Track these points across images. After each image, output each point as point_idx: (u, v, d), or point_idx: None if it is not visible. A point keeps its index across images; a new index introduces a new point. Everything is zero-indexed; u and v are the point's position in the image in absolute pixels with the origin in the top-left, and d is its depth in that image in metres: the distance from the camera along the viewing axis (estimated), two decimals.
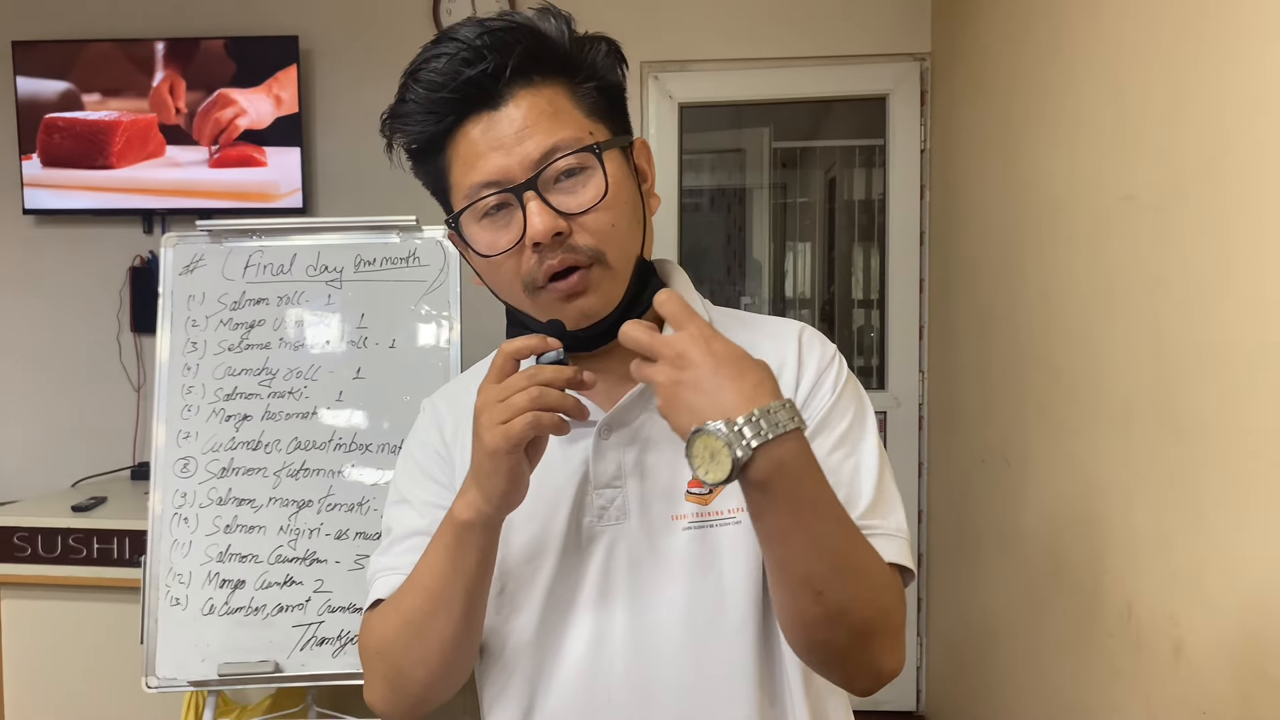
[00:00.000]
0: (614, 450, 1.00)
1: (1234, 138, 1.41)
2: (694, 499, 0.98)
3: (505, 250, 0.95)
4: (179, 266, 2.30)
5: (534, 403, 0.85)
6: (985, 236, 2.70)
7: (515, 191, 0.93)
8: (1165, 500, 1.61)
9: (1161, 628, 1.61)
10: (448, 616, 0.93)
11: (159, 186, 3.38)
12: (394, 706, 0.99)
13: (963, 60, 2.97)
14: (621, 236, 0.97)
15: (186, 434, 2.24)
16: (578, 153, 0.94)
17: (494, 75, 0.93)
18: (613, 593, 0.99)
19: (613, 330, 0.92)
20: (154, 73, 3.34)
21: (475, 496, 0.89)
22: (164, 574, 2.18)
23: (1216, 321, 1.45)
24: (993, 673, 2.62)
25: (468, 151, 0.95)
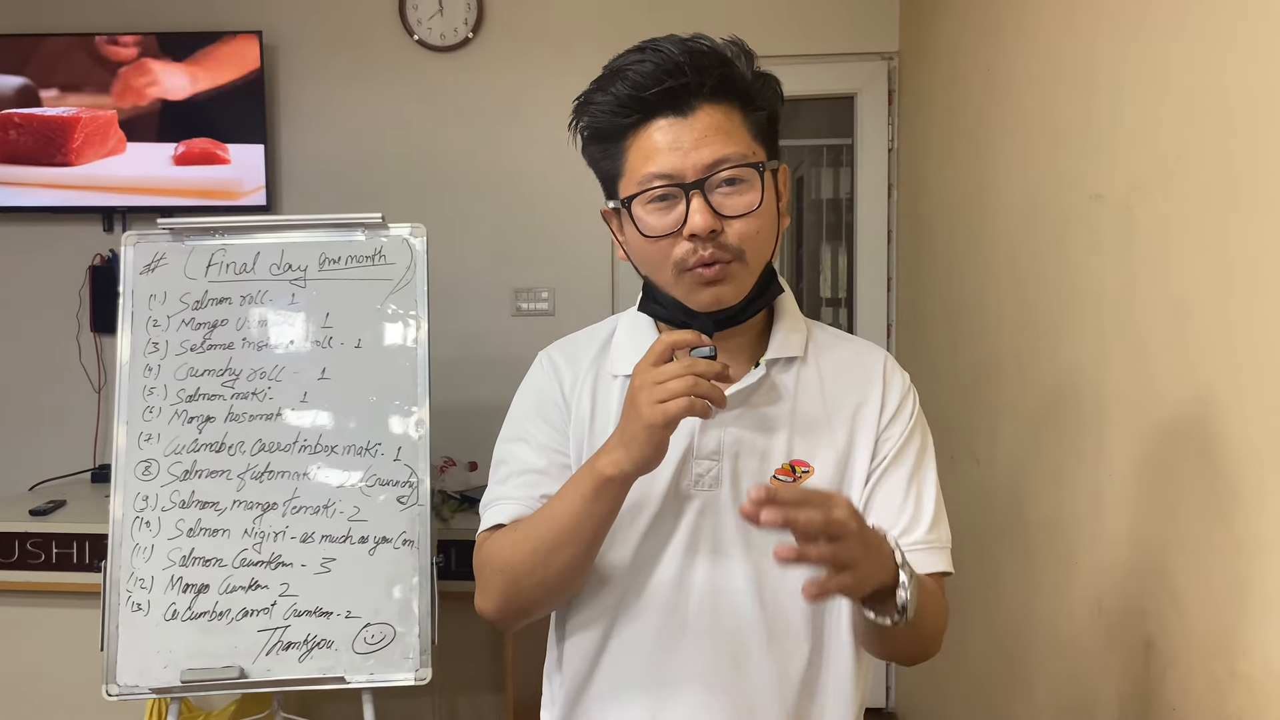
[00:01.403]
0: (716, 429, 1.15)
1: (1200, 136, 1.42)
2: (779, 483, 1.14)
3: (666, 234, 1.10)
4: (140, 265, 2.26)
5: (689, 389, 0.99)
6: (954, 235, 2.71)
7: (685, 188, 1.09)
8: (1135, 497, 1.61)
9: (1132, 624, 1.61)
10: (572, 550, 1.09)
11: (119, 184, 3.33)
12: (504, 614, 1.17)
13: (930, 59, 2.98)
14: (761, 243, 1.13)
15: (148, 436, 2.20)
16: (743, 167, 1.09)
17: (690, 88, 1.09)
18: (698, 546, 1.15)
19: (736, 319, 1.15)
20: (113, 67, 3.28)
21: (621, 457, 1.03)
22: (125, 579, 2.14)
23: (1187, 319, 1.46)
24: (963, 669, 2.63)
25: (649, 146, 1.10)
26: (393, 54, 3.39)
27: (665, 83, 1.08)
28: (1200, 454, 1.41)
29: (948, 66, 2.79)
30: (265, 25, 3.33)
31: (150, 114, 3.30)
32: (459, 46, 3.37)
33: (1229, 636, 1.33)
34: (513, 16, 3.35)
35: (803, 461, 1.16)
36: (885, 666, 3.47)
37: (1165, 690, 1.50)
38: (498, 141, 3.39)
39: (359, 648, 2.14)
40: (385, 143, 3.42)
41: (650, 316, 1.23)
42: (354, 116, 3.42)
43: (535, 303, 3.43)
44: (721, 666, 1.15)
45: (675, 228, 1.09)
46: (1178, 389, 1.47)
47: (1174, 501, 1.48)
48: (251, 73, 3.28)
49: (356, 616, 2.14)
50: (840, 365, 1.21)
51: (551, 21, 3.30)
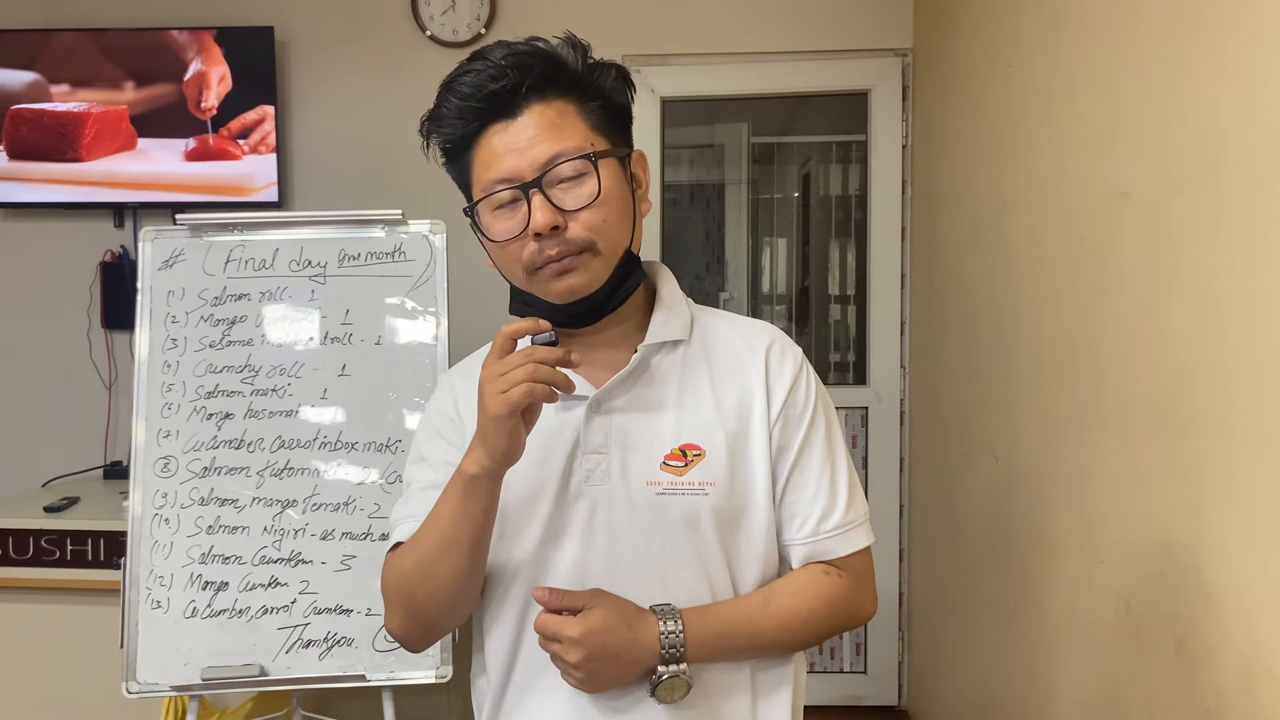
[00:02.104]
0: (601, 422, 1.16)
1: (1232, 133, 1.41)
2: (669, 470, 1.15)
3: (512, 237, 1.13)
4: (158, 261, 2.25)
5: (530, 376, 1.01)
6: (971, 232, 2.70)
7: (523, 189, 1.11)
8: (1164, 496, 1.61)
9: (1161, 624, 1.61)
10: (456, 554, 1.09)
11: (130, 180, 3.31)
12: (410, 632, 1.18)
13: (945, 56, 2.97)
14: (611, 231, 1.14)
15: (167, 433, 2.19)
16: (577, 160, 1.12)
17: (513, 90, 1.11)
18: (594, 545, 1.15)
19: (600, 310, 1.16)
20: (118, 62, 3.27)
21: (480, 454, 1.05)
22: (145, 576, 2.14)
23: (1218, 316, 1.45)
24: (978, 669, 2.63)
25: (488, 153, 1.13)
26: (404, 50, 3.38)
27: (489, 87, 1.10)
28: (1235, 454, 1.41)
29: (964, 63, 2.78)
30: (277, 20, 3.32)
31: (161, 109, 3.29)
32: (471, 42, 3.35)
33: (1267, 637, 1.33)
34: (525, 12, 3.34)
35: (694, 445, 1.16)
36: (896, 666, 3.47)
37: (1198, 691, 1.50)
38: None
39: (379, 645, 2.13)
40: (397, 139, 3.38)
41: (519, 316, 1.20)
42: (366, 113, 3.41)
43: None
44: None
45: (520, 229, 1.12)
46: (1211, 387, 1.47)
47: (1207, 501, 1.48)
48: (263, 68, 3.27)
49: (377, 614, 2.13)
50: (726, 346, 1.22)
51: (564, 17, 3.27)
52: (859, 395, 3.45)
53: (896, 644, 3.47)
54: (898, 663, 3.48)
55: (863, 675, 3.51)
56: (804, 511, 1.18)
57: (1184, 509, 1.55)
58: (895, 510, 3.44)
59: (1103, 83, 1.84)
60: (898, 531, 3.44)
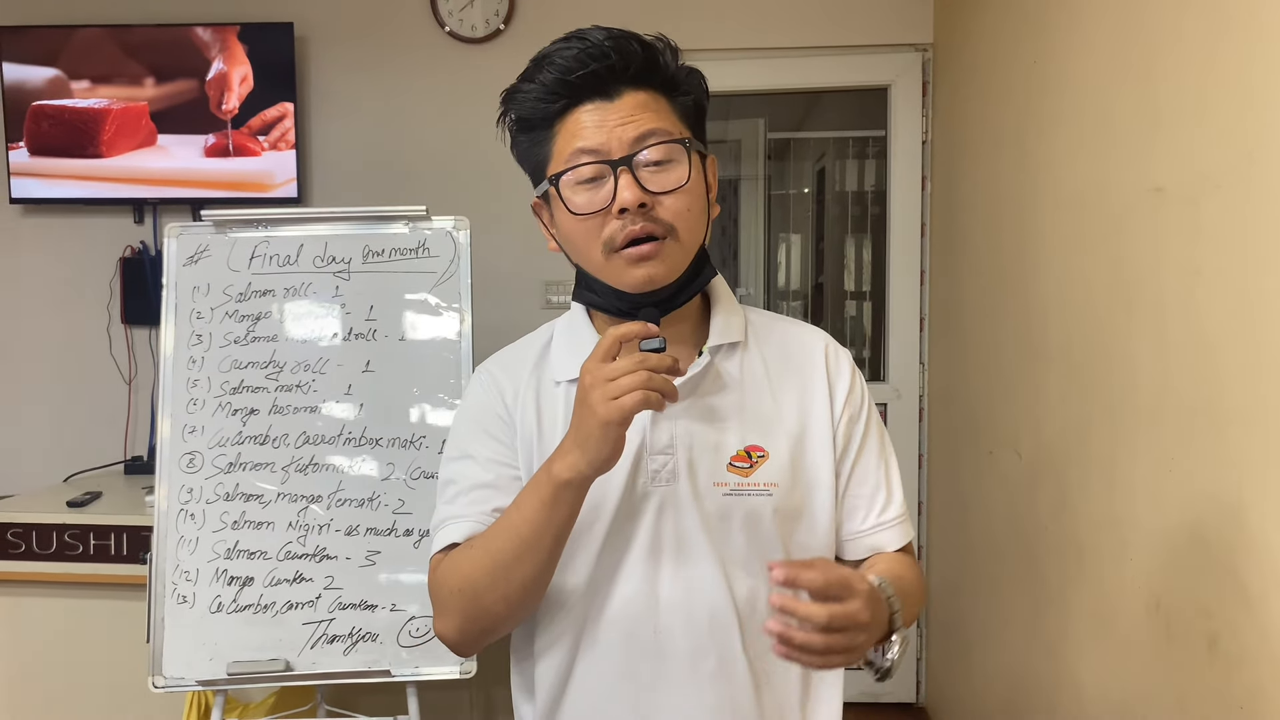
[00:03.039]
0: (668, 421, 1.15)
1: (1269, 127, 1.40)
2: (735, 470, 1.15)
3: (595, 211, 1.10)
4: (183, 257, 2.25)
5: (644, 384, 0.98)
6: (994, 228, 2.69)
7: (611, 164, 1.08)
8: (1199, 493, 1.60)
9: (1194, 622, 1.60)
10: (533, 560, 1.06)
11: (150, 176, 3.32)
12: (467, 636, 1.14)
13: (967, 51, 2.96)
14: (693, 221, 1.13)
15: (192, 428, 2.19)
16: (670, 142, 1.10)
17: (613, 71, 1.09)
18: (660, 546, 1.14)
19: (670, 303, 1.14)
20: (138, 58, 3.27)
21: (577, 459, 1.01)
22: (170, 571, 2.14)
23: (1255, 311, 1.44)
24: (999, 666, 2.62)
25: (575, 128, 1.10)
26: (424, 45, 3.38)
27: (590, 66, 1.09)
28: (1273, 450, 1.40)
29: (986, 59, 2.77)
30: (296, 16, 3.32)
31: (181, 105, 3.29)
32: (490, 38, 3.35)
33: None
34: (544, 7, 3.34)
35: (758, 447, 1.16)
36: (915, 662, 3.46)
37: (1232, 689, 1.49)
38: None
39: (404, 641, 2.13)
40: (416, 135, 3.41)
41: (585, 305, 1.22)
42: (385, 108, 3.41)
43: (566, 295, 3.41)
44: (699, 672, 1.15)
45: (604, 205, 1.09)
46: (1248, 383, 1.46)
47: (1244, 497, 1.47)
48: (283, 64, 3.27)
49: (401, 610, 2.14)
50: (782, 348, 1.22)
51: (584, 13, 3.27)
52: (878, 391, 3.44)
53: (914, 640, 3.46)
54: (916, 659, 3.47)
55: None
56: (866, 505, 1.20)
57: (1219, 505, 1.54)
58: (914, 506, 3.44)
59: (1135, 77, 1.83)
60: (917, 528, 3.43)
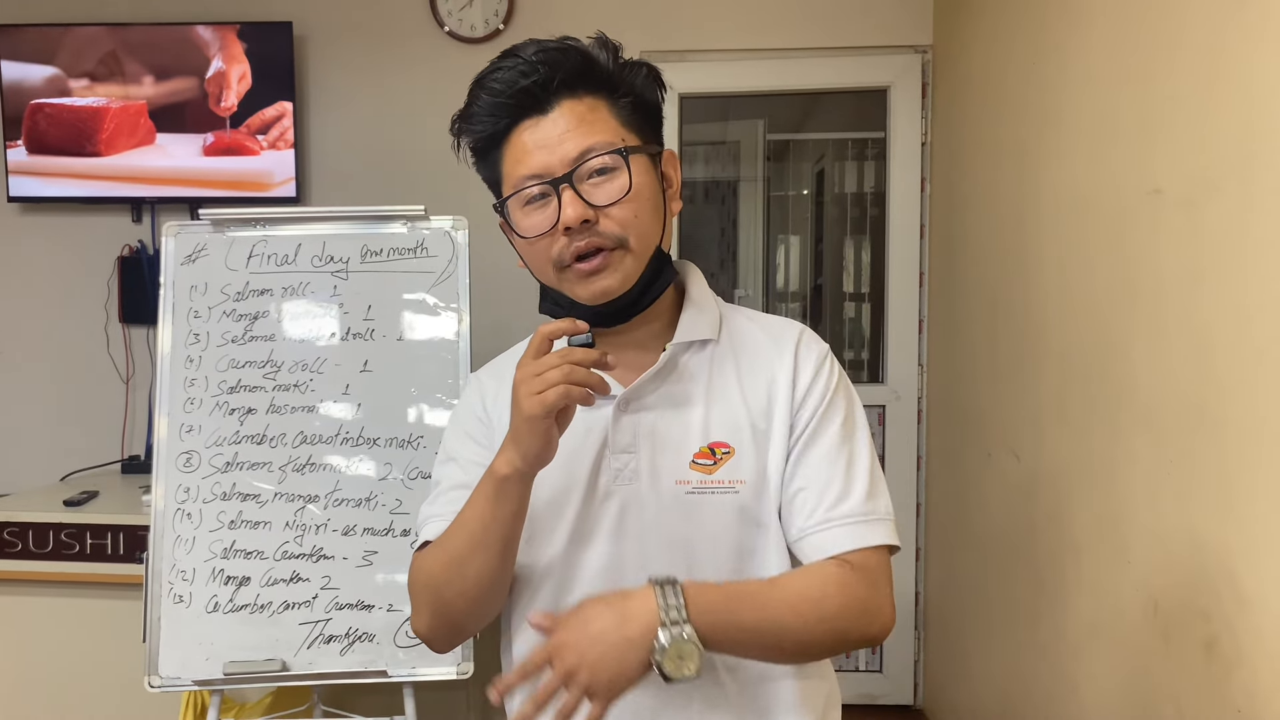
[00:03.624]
0: (630, 421, 1.15)
1: (1267, 129, 1.40)
2: (698, 468, 1.14)
3: (542, 233, 1.11)
4: (180, 256, 2.25)
5: (566, 378, 1.00)
6: (993, 231, 2.69)
7: (553, 184, 1.10)
8: (1197, 496, 1.60)
9: (1192, 625, 1.60)
10: (485, 555, 1.08)
11: (149, 175, 3.31)
12: (436, 632, 1.17)
13: (967, 53, 2.96)
14: (643, 228, 1.12)
15: (189, 428, 2.19)
16: (608, 154, 1.10)
17: (543, 86, 1.10)
18: (624, 545, 1.14)
19: (631, 309, 1.14)
20: (137, 57, 3.27)
21: (513, 454, 1.04)
22: (167, 570, 2.14)
23: (1253, 315, 1.44)
24: (997, 669, 2.62)
25: (519, 149, 1.12)
26: (423, 45, 3.38)
27: (519, 84, 1.10)
28: (1271, 455, 1.40)
29: (986, 60, 2.77)
30: (295, 16, 3.32)
31: (179, 104, 3.29)
32: (490, 38, 3.35)
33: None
34: (543, 8, 3.34)
35: (722, 443, 1.15)
36: (912, 665, 3.46)
37: (1229, 692, 1.49)
38: None
39: (401, 641, 2.13)
40: (415, 134, 3.40)
41: (550, 316, 1.20)
42: (384, 108, 3.41)
43: None
44: None
45: (550, 224, 1.10)
46: (1246, 386, 1.46)
47: (1242, 501, 1.47)
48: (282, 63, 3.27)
49: (398, 610, 2.13)
50: (754, 344, 1.20)
51: (583, 12, 3.29)
52: (876, 393, 3.44)
53: (913, 643, 3.46)
54: (914, 662, 3.47)
55: (878, 674, 3.50)
56: (814, 499, 1.12)
57: (1217, 509, 1.54)
58: (912, 509, 3.43)
59: (1134, 79, 1.83)
60: (914, 530, 3.43)
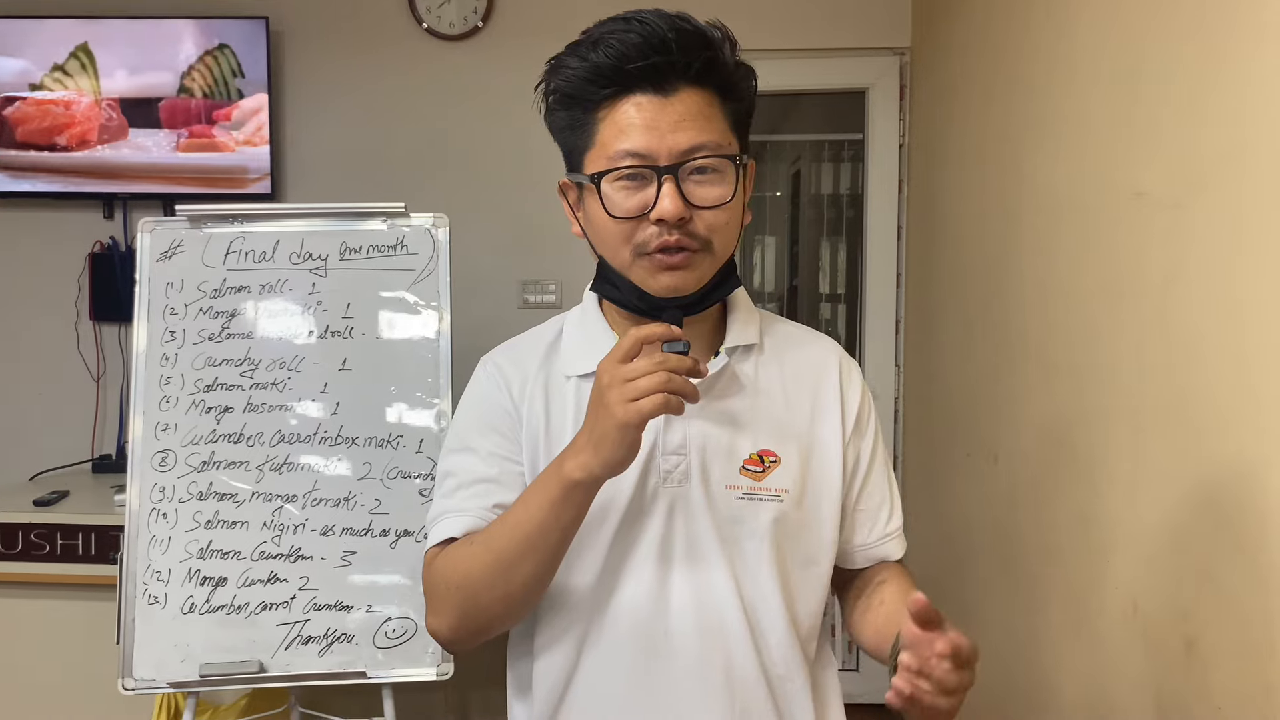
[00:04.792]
0: (681, 422, 1.12)
1: (1255, 132, 1.41)
2: (747, 474, 1.14)
3: (632, 216, 1.07)
4: (156, 253, 2.22)
5: (663, 386, 0.95)
6: (972, 232, 2.70)
7: (658, 171, 1.05)
8: (1177, 497, 1.61)
9: (1171, 625, 1.61)
10: (537, 560, 1.04)
11: (121, 170, 3.27)
12: (460, 634, 1.11)
13: (946, 55, 2.97)
14: (729, 234, 1.11)
15: (165, 426, 2.16)
16: (720, 157, 1.07)
17: (675, 68, 1.05)
18: (671, 548, 1.12)
19: (691, 309, 1.12)
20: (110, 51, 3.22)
21: (589, 459, 0.99)
22: (141, 571, 2.11)
23: (1234, 317, 1.45)
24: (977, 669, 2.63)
25: (623, 121, 1.06)
26: (401, 42, 3.36)
27: (650, 58, 1.03)
28: (1253, 455, 1.41)
29: (965, 62, 2.78)
30: (271, 11, 3.28)
31: (153, 99, 3.25)
32: (469, 35, 3.33)
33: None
34: (523, 5, 3.32)
35: (770, 451, 1.15)
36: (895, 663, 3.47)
37: (1210, 691, 1.50)
38: (507, 132, 3.35)
39: (380, 642, 2.11)
40: (392, 132, 3.38)
41: (600, 298, 1.21)
42: (360, 105, 3.38)
43: (543, 295, 3.40)
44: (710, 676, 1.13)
45: (643, 210, 1.06)
46: (1227, 389, 1.47)
47: (1223, 502, 1.48)
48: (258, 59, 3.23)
49: (377, 611, 2.12)
50: (796, 355, 1.22)
51: (562, 10, 3.28)
52: None
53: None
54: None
55: (854, 673, 3.51)
56: (873, 518, 1.24)
57: (1197, 508, 1.55)
58: None
59: (1119, 82, 1.84)
60: None
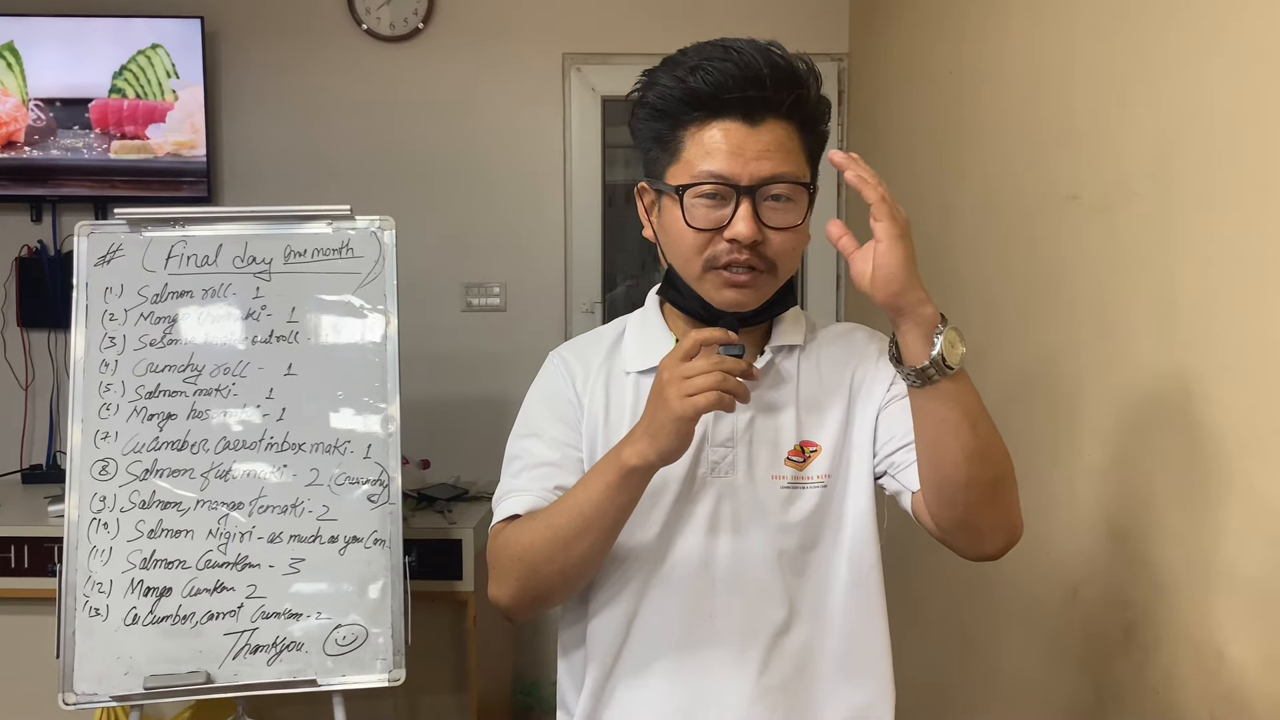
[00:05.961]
0: (730, 416, 1.19)
1: (1187, 136, 1.47)
2: (792, 464, 1.22)
3: (709, 230, 1.15)
4: (94, 257, 2.17)
5: (718, 384, 1.03)
6: None
7: (739, 191, 1.13)
8: (1116, 490, 1.67)
9: (1111, 611, 1.67)
10: (592, 538, 1.13)
11: (50, 173, 3.18)
12: (520, 603, 1.20)
13: (882, 61, 3.03)
14: (794, 259, 1.20)
15: (105, 434, 2.11)
16: (795, 185, 1.15)
17: (764, 103, 1.13)
18: (718, 533, 1.21)
19: (746, 322, 1.20)
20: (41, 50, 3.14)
21: (646, 447, 1.07)
22: (82, 583, 2.06)
23: (1172, 318, 1.51)
24: (923, 657, 2.68)
25: (711, 144, 1.14)
26: (339, 43, 3.32)
27: (746, 91, 1.12)
28: (1184, 442, 1.46)
29: (902, 68, 2.84)
30: (206, 10, 3.23)
31: (84, 100, 3.17)
32: (409, 37, 3.31)
33: (1217, 622, 1.39)
34: (465, 7, 3.31)
35: (811, 442, 1.24)
36: None
37: (1148, 675, 1.56)
38: (449, 134, 3.34)
39: (330, 649, 2.09)
40: (331, 134, 3.35)
41: (664, 301, 1.30)
42: (300, 107, 3.34)
43: (487, 298, 3.39)
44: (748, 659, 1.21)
45: (719, 225, 1.14)
46: (1159, 380, 1.53)
47: (1157, 490, 1.54)
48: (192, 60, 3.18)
49: (327, 618, 2.10)
50: (832, 346, 1.31)
51: (505, 13, 3.27)
52: None
53: None
54: None
55: None
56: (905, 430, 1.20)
57: (1136, 502, 1.61)
58: None
59: (1052, 86, 1.90)
60: None
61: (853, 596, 1.26)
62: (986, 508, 1.15)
